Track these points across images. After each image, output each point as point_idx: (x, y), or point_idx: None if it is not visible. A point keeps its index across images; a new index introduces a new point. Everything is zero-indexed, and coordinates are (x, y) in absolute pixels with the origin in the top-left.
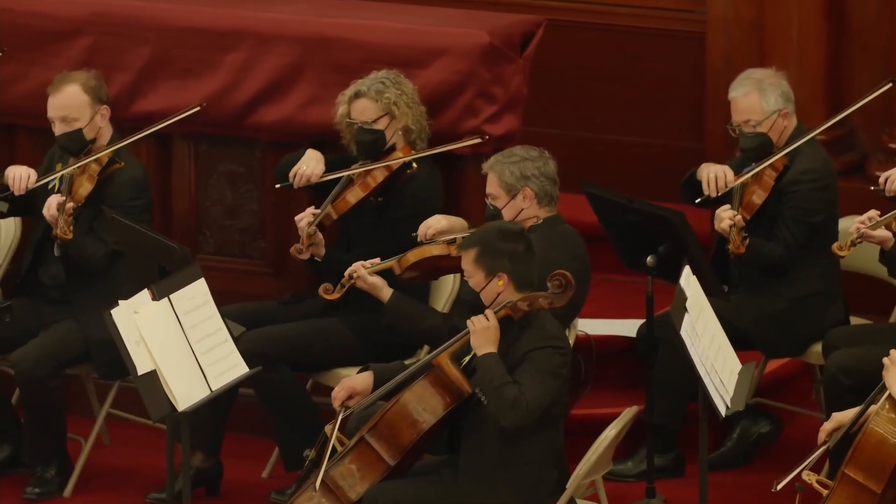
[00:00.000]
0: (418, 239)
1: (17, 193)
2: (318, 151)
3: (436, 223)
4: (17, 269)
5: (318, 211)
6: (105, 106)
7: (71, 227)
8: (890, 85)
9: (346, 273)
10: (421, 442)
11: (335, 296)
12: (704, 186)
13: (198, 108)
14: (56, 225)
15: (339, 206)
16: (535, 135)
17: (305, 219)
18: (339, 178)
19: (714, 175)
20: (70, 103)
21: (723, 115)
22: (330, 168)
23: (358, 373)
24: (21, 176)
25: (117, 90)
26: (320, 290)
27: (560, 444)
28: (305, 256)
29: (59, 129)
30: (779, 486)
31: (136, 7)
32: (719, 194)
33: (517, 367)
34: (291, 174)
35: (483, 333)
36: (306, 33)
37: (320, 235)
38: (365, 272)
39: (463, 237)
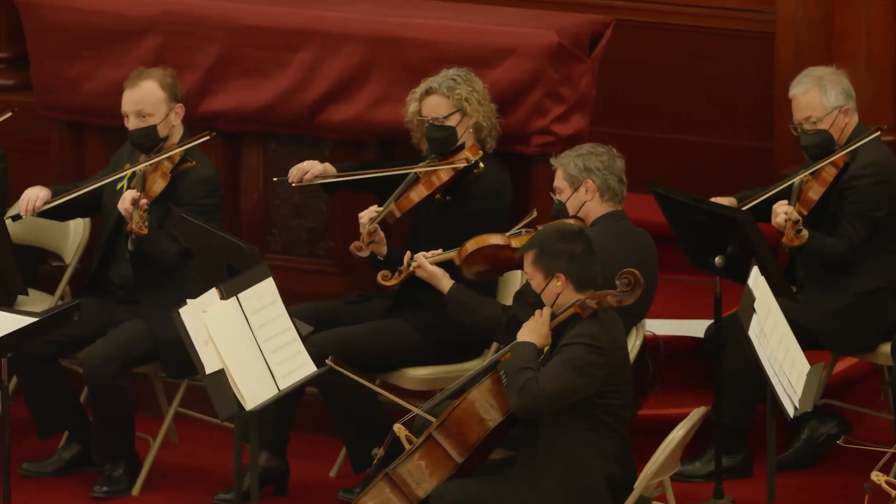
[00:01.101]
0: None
1: (23, 215)
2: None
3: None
4: (85, 269)
5: (381, 208)
6: (180, 104)
7: (146, 223)
8: None
9: (406, 260)
10: (488, 440)
11: (393, 282)
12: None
13: (207, 137)
14: (131, 220)
15: (403, 203)
16: (602, 135)
17: (367, 216)
18: (358, 178)
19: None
20: (146, 98)
21: (791, 115)
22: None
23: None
24: (30, 198)
25: (186, 89)
26: (378, 277)
27: (622, 444)
28: (364, 254)
29: (132, 124)
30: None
31: (206, 6)
32: None
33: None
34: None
35: (531, 325)
36: (375, 33)
37: (381, 234)
38: (425, 261)
39: (522, 229)
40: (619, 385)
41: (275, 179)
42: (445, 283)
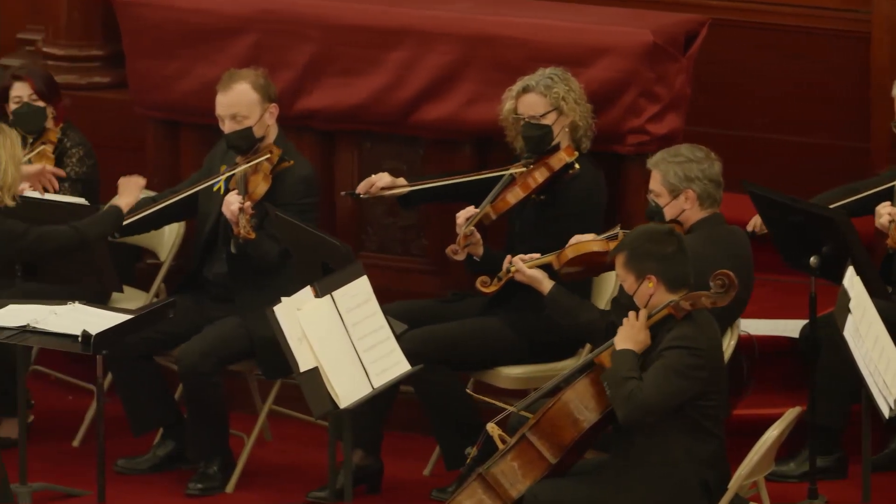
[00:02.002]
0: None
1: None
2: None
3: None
4: (180, 267)
5: (477, 210)
6: (274, 104)
7: (253, 227)
8: None
9: (504, 266)
10: (582, 440)
11: (492, 289)
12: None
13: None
14: (238, 224)
15: (499, 205)
16: (697, 134)
17: (463, 215)
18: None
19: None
20: (240, 101)
21: (888, 115)
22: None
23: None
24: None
25: (281, 88)
26: (477, 283)
27: (717, 445)
28: (461, 257)
29: (228, 127)
30: None
31: (302, 5)
32: None
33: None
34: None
35: (628, 331)
36: (470, 31)
37: (478, 235)
38: (523, 265)
39: (620, 231)
40: (715, 386)
41: (343, 194)
42: (546, 284)
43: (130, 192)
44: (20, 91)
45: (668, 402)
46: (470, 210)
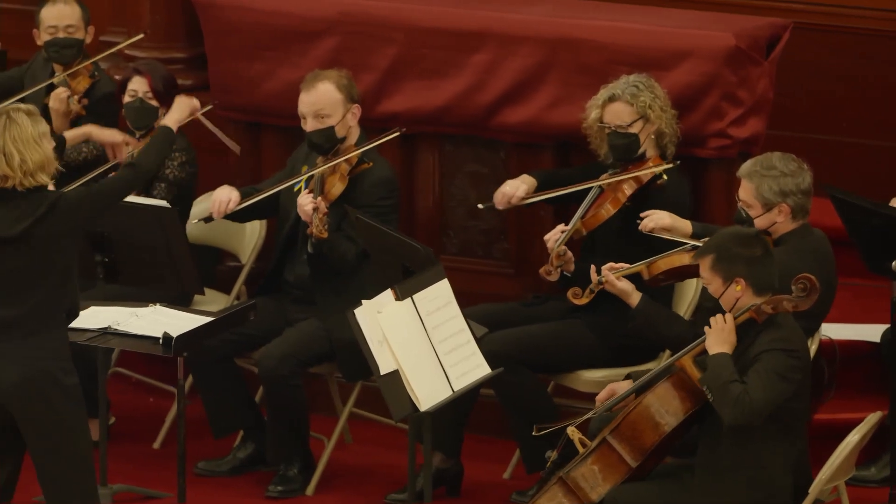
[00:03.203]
0: (641, 228)
1: (216, 217)
2: (530, 177)
3: (660, 219)
4: (261, 269)
5: (567, 228)
6: (356, 105)
7: (326, 227)
8: None
9: (595, 277)
10: (663, 444)
11: (584, 300)
12: None
13: (397, 133)
14: (311, 224)
15: (590, 222)
16: (779, 138)
17: (553, 238)
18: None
19: None
20: (324, 100)
21: None
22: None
23: (623, 379)
24: (222, 200)
25: (363, 90)
26: (569, 295)
27: (800, 448)
28: (555, 278)
29: (310, 126)
30: None
31: (384, 7)
32: None
33: (749, 368)
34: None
35: (718, 334)
36: (552, 34)
37: (570, 254)
38: (613, 277)
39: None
40: (804, 389)
41: (480, 206)
42: (634, 297)
43: (181, 108)
44: (137, 86)
45: (772, 405)
46: (558, 230)
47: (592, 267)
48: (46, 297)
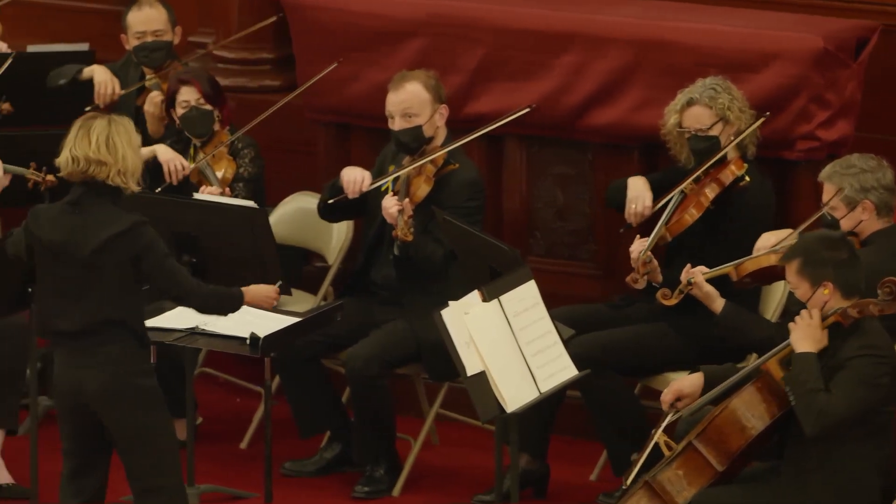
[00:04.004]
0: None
1: (350, 197)
2: (642, 177)
3: (764, 242)
4: (348, 269)
5: (652, 235)
6: (444, 105)
7: (411, 229)
8: None
9: (684, 279)
10: (749, 448)
11: (673, 301)
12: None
13: (528, 109)
14: (397, 226)
15: (674, 227)
16: (867, 140)
17: (637, 248)
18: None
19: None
20: (412, 99)
21: None
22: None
23: (688, 374)
24: (356, 179)
25: (450, 91)
26: (658, 296)
27: (888, 451)
28: (641, 286)
29: (397, 125)
30: None
31: (472, 9)
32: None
33: (835, 374)
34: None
35: (804, 329)
36: (640, 36)
37: (655, 262)
38: (702, 279)
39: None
40: (891, 391)
41: (621, 231)
42: (718, 303)
43: (261, 298)
44: (187, 95)
45: (856, 414)
46: (639, 240)
47: (687, 266)
48: (118, 306)
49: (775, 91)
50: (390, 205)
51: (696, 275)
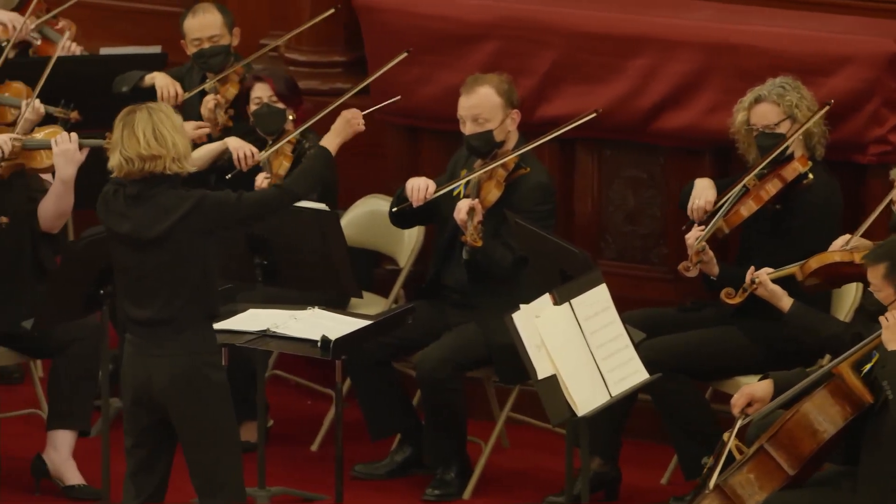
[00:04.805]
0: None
1: (414, 205)
2: (709, 179)
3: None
4: (419, 272)
5: (708, 227)
6: (516, 110)
7: (480, 234)
8: None
9: (749, 278)
10: (821, 452)
11: (737, 300)
12: None
13: (594, 114)
14: (466, 230)
15: (732, 219)
16: None
17: (693, 236)
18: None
19: None
20: (483, 103)
21: None
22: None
23: (758, 380)
24: (419, 187)
25: (522, 94)
26: (722, 295)
27: None
28: (693, 274)
29: (469, 129)
30: None
31: (543, 12)
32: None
33: None
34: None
35: (894, 330)
36: (711, 40)
37: (710, 252)
38: (767, 278)
39: (872, 247)
40: None
41: (683, 228)
42: (785, 302)
43: (344, 129)
44: (260, 92)
45: None
46: (696, 228)
47: (752, 268)
48: (190, 296)
49: (847, 94)
50: (462, 207)
51: (761, 275)
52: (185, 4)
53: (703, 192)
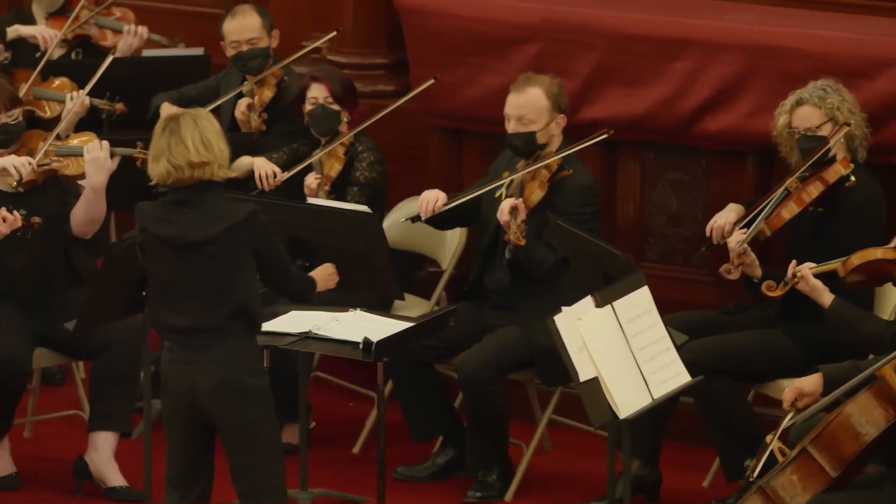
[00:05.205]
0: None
1: (423, 217)
2: (738, 204)
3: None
4: (461, 274)
5: (750, 229)
6: (562, 115)
7: (524, 234)
8: None
9: (791, 271)
10: (863, 454)
11: (778, 293)
12: None
13: (605, 136)
14: (509, 229)
15: (773, 222)
16: None
17: (735, 239)
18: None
19: None
20: (530, 104)
21: None
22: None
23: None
24: (429, 199)
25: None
26: (763, 287)
27: None
28: (734, 276)
29: (512, 128)
30: None
31: (586, 14)
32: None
33: None
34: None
35: None
36: (754, 42)
37: (752, 255)
38: (809, 273)
39: None
40: None
41: (703, 248)
42: (826, 297)
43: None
44: (316, 92)
45: None
46: (740, 232)
47: (794, 262)
48: (233, 305)
49: (889, 97)
50: (504, 207)
51: (803, 269)
52: (227, 6)
53: (726, 213)
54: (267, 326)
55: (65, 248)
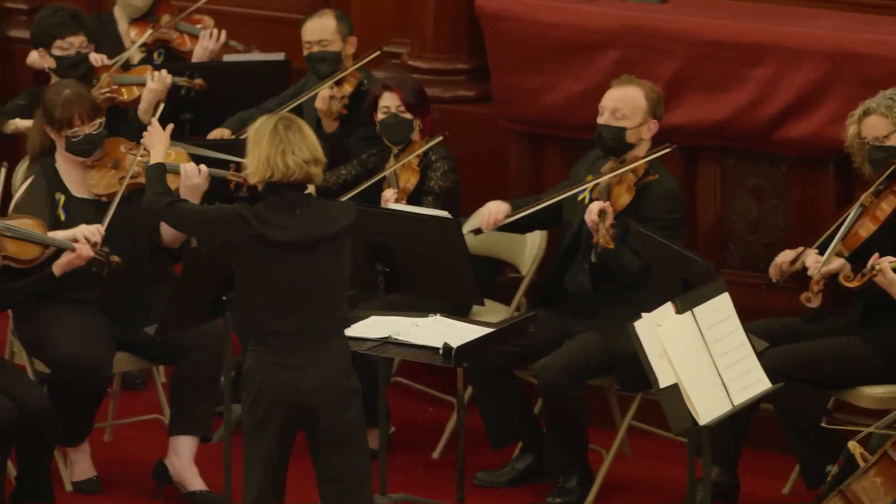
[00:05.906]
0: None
1: (483, 229)
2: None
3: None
4: (541, 280)
5: (827, 252)
6: (655, 121)
7: (612, 237)
8: None
9: (870, 263)
10: None
11: (855, 284)
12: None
13: (669, 150)
14: (597, 233)
15: (850, 242)
16: None
17: (813, 266)
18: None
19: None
20: (627, 99)
21: None
22: None
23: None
24: (491, 211)
25: None
26: (840, 277)
27: None
28: (815, 304)
29: (604, 120)
30: None
31: (666, 20)
32: None
33: None
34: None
35: None
36: (836, 48)
37: (831, 275)
38: (888, 266)
39: None
40: None
41: (763, 286)
42: None
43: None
44: (388, 101)
45: None
46: (814, 257)
47: (875, 255)
48: (341, 303)
49: None
50: (593, 209)
51: (883, 262)
52: (309, 11)
53: (786, 253)
54: (347, 332)
55: (151, 256)
